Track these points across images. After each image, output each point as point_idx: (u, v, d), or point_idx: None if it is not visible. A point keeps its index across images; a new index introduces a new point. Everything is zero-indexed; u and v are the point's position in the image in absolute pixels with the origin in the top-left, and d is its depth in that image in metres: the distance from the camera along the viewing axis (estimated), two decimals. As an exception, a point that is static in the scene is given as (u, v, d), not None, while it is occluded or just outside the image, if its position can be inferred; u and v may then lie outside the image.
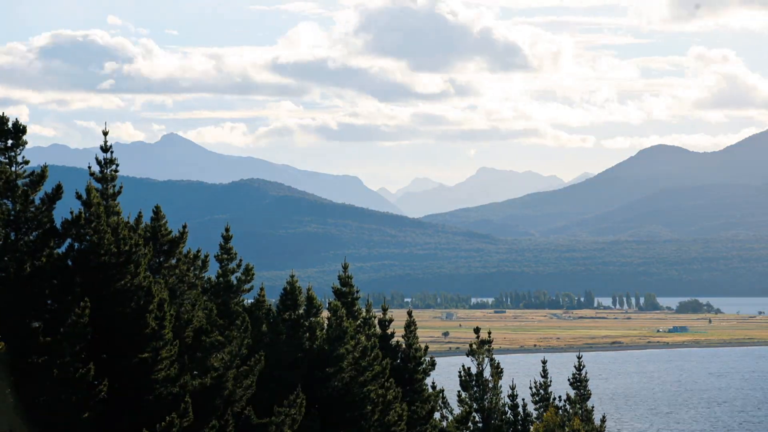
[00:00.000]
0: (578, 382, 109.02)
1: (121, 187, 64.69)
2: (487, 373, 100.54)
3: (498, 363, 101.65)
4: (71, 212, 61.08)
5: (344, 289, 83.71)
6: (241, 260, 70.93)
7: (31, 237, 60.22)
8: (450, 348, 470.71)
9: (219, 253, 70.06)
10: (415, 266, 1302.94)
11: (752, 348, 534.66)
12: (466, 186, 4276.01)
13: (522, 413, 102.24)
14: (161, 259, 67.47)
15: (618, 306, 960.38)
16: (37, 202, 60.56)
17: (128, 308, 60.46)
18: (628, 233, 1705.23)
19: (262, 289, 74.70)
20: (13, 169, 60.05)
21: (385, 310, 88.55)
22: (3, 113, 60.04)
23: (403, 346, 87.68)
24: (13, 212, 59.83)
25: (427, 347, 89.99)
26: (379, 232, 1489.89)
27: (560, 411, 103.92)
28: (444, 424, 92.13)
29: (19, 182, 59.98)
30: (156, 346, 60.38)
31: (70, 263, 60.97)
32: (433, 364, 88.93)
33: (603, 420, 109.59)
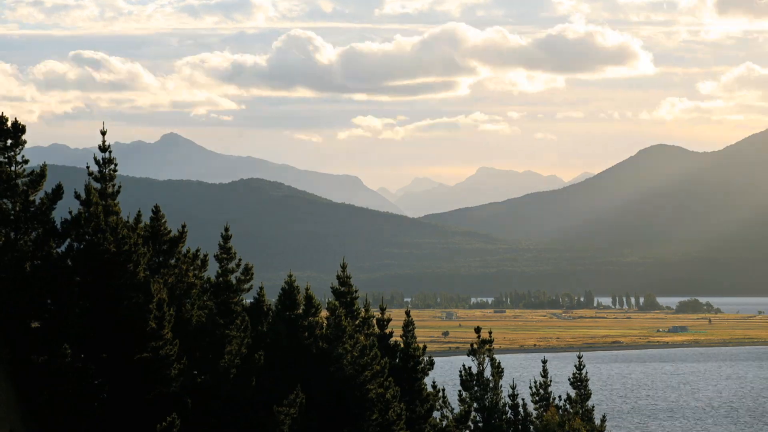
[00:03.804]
0: (579, 381, 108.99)
1: (119, 187, 64.59)
2: (487, 372, 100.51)
3: (499, 362, 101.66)
4: (70, 212, 61.04)
5: (343, 288, 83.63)
6: (240, 260, 70.87)
7: (31, 237, 60.19)
8: (450, 348, 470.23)
9: (219, 253, 69.97)
10: (415, 266, 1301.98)
11: (753, 348, 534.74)
12: (466, 186, 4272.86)
13: (522, 413, 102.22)
14: (161, 258, 67.45)
15: (618, 306, 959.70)
16: (37, 201, 60.54)
17: (127, 308, 60.43)
18: (628, 233, 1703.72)
19: (261, 288, 74.64)
20: (12, 168, 60.05)
21: (383, 310, 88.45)
22: (2, 113, 60.05)
23: (402, 345, 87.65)
24: (12, 212, 59.80)
25: (425, 347, 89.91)
26: (379, 232, 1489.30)
27: (560, 411, 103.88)
28: (444, 423, 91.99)
29: (19, 182, 59.97)
30: (156, 345, 60.35)
31: (69, 263, 60.94)
32: (431, 364, 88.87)
33: (603, 419, 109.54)
